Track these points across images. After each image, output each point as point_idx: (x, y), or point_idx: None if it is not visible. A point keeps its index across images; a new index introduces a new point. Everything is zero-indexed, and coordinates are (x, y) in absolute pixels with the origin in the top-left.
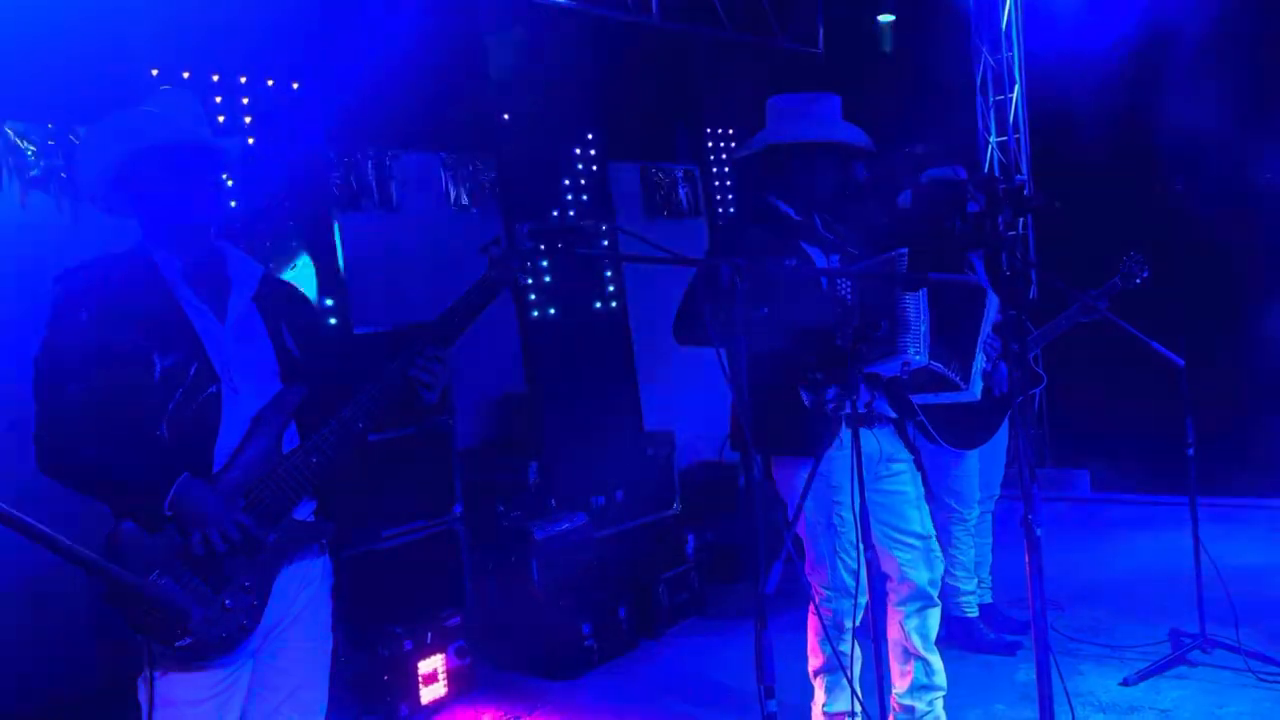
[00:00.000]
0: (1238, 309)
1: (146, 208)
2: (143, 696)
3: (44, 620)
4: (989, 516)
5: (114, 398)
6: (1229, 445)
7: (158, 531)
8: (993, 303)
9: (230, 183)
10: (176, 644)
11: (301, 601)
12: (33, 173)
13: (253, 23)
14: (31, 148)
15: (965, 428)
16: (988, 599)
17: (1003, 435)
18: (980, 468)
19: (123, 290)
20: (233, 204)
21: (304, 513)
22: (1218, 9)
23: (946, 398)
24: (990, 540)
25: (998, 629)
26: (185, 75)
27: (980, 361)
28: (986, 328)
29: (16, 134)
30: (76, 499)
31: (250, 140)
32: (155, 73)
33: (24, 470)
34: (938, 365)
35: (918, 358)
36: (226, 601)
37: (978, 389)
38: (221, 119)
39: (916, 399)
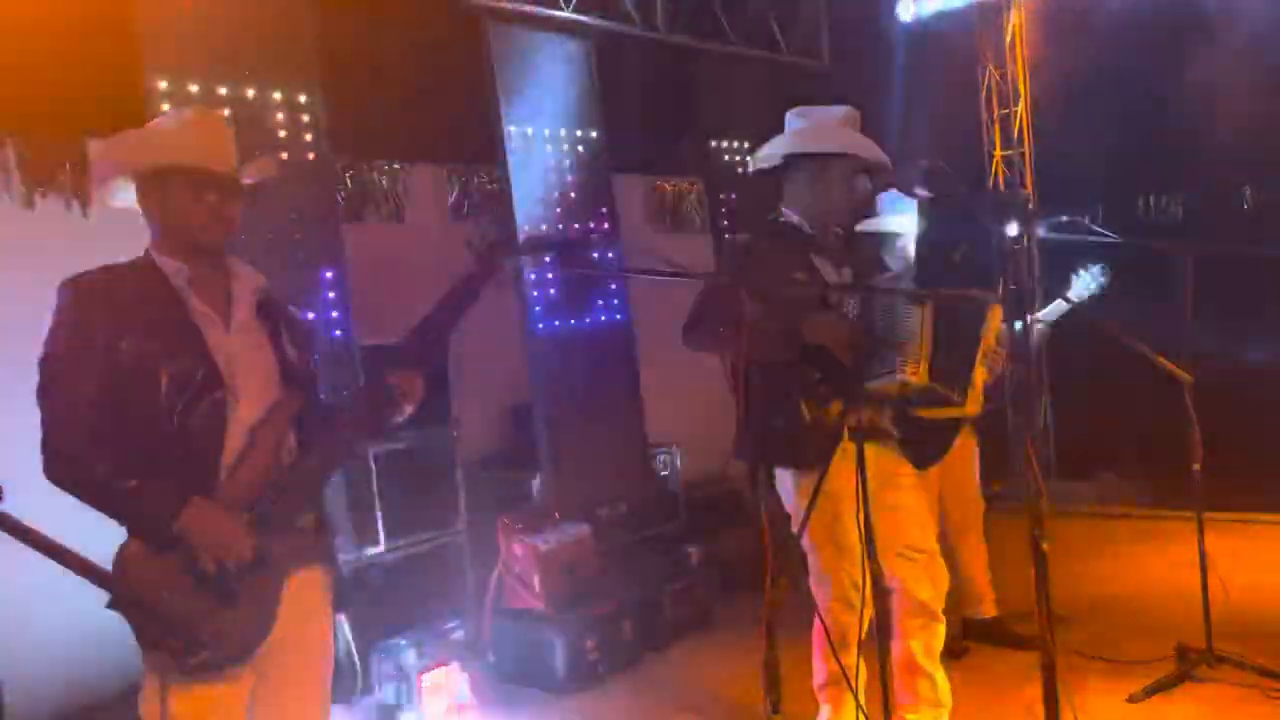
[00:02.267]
0: (1245, 322)
1: (164, 221)
2: (146, 712)
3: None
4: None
5: (121, 404)
6: (1236, 460)
7: (167, 551)
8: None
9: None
10: (186, 659)
11: (303, 614)
12: (41, 183)
13: (260, 36)
14: (41, 156)
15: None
16: (993, 612)
17: (970, 456)
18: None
19: (130, 296)
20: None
21: (304, 524)
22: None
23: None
24: (985, 552)
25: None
26: (193, 89)
27: (977, 375)
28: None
29: (26, 143)
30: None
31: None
32: (164, 85)
33: (38, 480)
34: (938, 384)
35: (914, 378)
36: (234, 616)
37: (976, 405)
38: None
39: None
